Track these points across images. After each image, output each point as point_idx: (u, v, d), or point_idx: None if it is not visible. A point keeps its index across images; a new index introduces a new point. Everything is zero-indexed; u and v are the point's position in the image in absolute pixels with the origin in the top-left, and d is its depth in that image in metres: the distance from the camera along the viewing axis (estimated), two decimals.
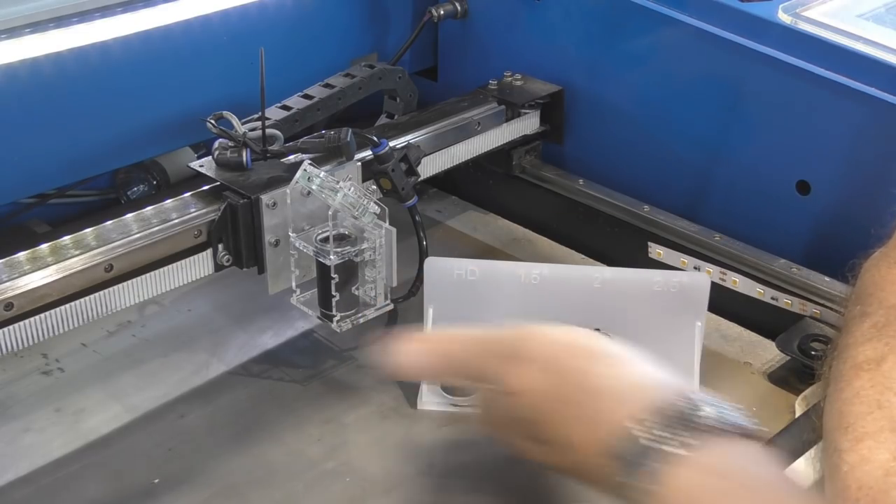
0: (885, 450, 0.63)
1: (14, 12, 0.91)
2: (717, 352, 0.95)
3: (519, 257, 1.11)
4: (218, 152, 0.91)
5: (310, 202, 0.88)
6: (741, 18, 1.00)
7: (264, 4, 1.07)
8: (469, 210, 1.20)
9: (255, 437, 0.85)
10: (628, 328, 0.87)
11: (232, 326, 0.99)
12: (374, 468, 0.82)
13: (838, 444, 0.66)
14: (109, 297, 0.83)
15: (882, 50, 0.94)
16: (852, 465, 0.63)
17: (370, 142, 0.93)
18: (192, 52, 1.03)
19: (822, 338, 0.90)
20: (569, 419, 0.63)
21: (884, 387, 0.67)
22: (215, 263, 0.88)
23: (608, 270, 0.91)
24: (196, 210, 0.87)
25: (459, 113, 1.06)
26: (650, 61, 1.07)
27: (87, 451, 0.84)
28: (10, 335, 0.78)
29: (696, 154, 1.06)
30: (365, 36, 1.20)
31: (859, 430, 0.65)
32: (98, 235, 0.83)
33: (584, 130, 1.14)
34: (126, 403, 0.89)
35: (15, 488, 0.80)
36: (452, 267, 0.88)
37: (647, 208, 1.06)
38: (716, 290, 0.89)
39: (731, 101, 1.02)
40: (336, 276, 0.86)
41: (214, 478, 0.81)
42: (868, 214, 0.82)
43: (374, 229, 0.86)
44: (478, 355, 0.67)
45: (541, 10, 1.13)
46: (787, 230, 1.00)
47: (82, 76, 0.96)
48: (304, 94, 1.03)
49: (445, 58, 1.25)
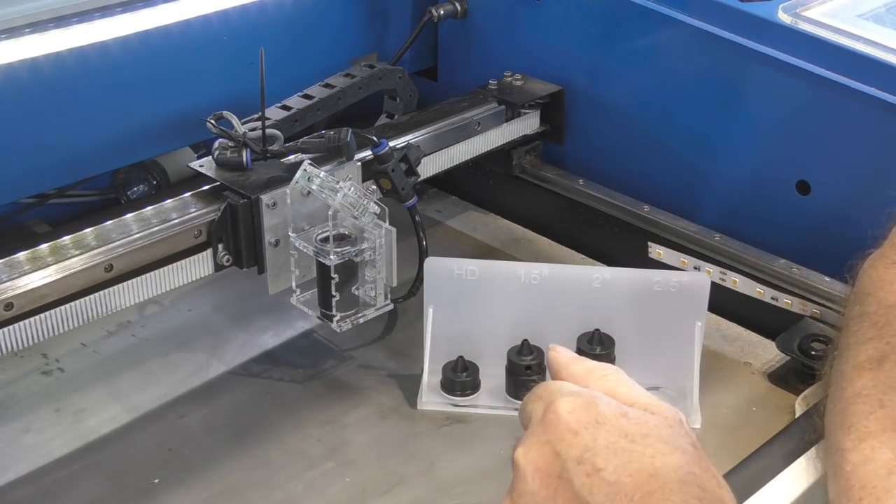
0: (889, 449, 0.63)
1: (14, 12, 0.91)
2: (717, 352, 0.95)
3: (519, 257, 1.11)
4: (218, 152, 0.91)
5: (310, 202, 0.88)
6: (741, 18, 0.99)
7: (264, 4, 1.07)
8: (469, 210, 1.20)
9: (255, 437, 0.85)
10: (628, 328, 0.87)
11: (232, 326, 0.99)
12: (374, 468, 0.82)
13: (841, 444, 0.66)
14: (109, 297, 0.83)
15: (882, 50, 0.94)
16: (855, 465, 0.63)
17: (370, 142, 0.93)
18: (192, 52, 1.03)
19: (823, 338, 0.89)
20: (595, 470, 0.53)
21: (886, 386, 0.67)
22: (215, 263, 0.88)
23: (608, 270, 0.91)
24: (196, 210, 0.87)
25: (459, 113, 1.06)
26: (650, 61, 1.07)
27: (87, 451, 0.84)
28: (10, 335, 0.78)
29: (696, 154, 1.06)
30: (365, 36, 1.20)
31: (862, 429, 0.65)
32: (98, 235, 0.83)
33: (584, 130, 1.14)
34: (126, 403, 0.89)
35: (15, 488, 0.80)
36: (452, 267, 0.88)
37: (647, 208, 1.06)
38: (716, 290, 0.89)
39: (731, 101, 1.02)
40: (336, 276, 0.86)
41: (214, 478, 0.81)
42: (868, 214, 0.82)
43: (374, 229, 0.86)
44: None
45: (541, 10, 1.13)
46: (787, 230, 1.00)
47: (82, 76, 0.96)
48: (304, 94, 1.03)
49: (445, 58, 1.25)
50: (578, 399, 0.56)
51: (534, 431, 0.56)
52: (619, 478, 0.53)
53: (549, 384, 0.60)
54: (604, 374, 0.60)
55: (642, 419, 0.56)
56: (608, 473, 0.53)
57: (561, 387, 0.59)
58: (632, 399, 0.58)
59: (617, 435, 0.54)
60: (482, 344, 0.89)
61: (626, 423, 0.55)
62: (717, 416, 0.87)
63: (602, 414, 0.55)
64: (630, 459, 0.53)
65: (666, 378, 0.89)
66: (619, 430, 0.55)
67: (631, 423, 0.55)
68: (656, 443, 0.54)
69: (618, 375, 0.60)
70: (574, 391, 0.58)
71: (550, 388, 0.59)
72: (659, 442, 0.54)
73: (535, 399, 0.58)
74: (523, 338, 0.86)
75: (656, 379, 0.89)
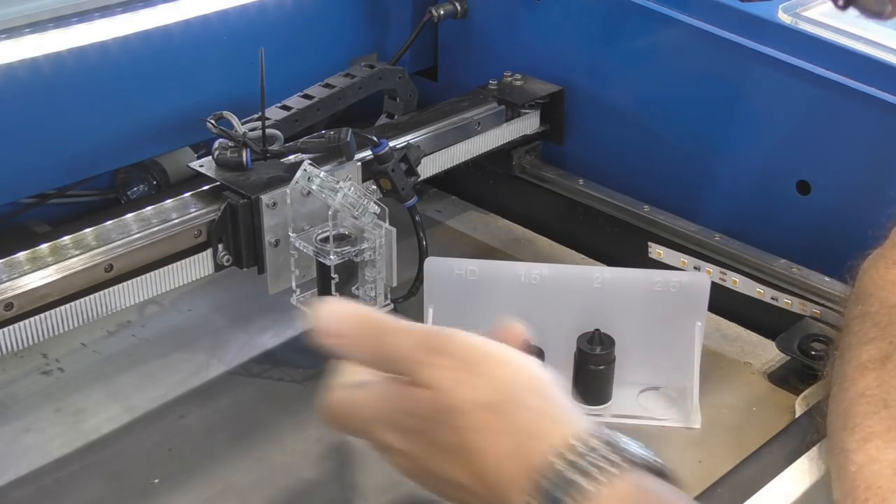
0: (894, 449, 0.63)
1: (14, 12, 0.91)
2: (717, 352, 0.95)
3: (519, 257, 1.11)
4: (218, 152, 0.91)
5: (310, 202, 0.88)
6: (741, 18, 1.00)
7: (264, 4, 1.07)
8: (469, 210, 1.20)
9: (255, 437, 0.85)
10: (628, 328, 0.87)
11: (232, 326, 0.99)
12: (373, 468, 0.82)
13: (845, 445, 0.66)
14: (109, 297, 0.83)
15: (882, 50, 0.94)
16: (860, 465, 0.63)
17: (370, 142, 0.93)
18: (192, 52, 1.03)
19: (823, 338, 0.89)
20: (476, 428, 0.55)
21: (890, 385, 0.67)
22: (215, 263, 0.88)
23: (608, 270, 0.91)
24: (196, 210, 0.87)
25: (459, 113, 1.06)
26: (650, 61, 1.07)
27: (87, 451, 0.84)
28: (10, 335, 0.78)
29: (696, 154, 1.06)
30: (365, 36, 1.20)
31: (866, 429, 0.65)
32: (98, 235, 0.83)
33: (584, 130, 1.14)
34: (126, 403, 0.89)
35: (15, 488, 0.80)
36: (452, 267, 0.88)
37: (647, 208, 1.06)
38: (716, 290, 0.89)
39: (731, 101, 1.02)
40: (336, 276, 0.86)
41: (214, 478, 0.81)
42: (868, 214, 0.82)
43: (374, 229, 0.86)
44: (399, 336, 0.59)
45: (541, 10, 1.13)
46: (787, 230, 1.00)
47: (82, 76, 0.96)
48: (304, 94, 1.03)
49: (445, 58, 1.25)
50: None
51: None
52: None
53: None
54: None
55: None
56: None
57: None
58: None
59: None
60: None
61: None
62: (717, 416, 0.87)
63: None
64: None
65: (666, 378, 0.89)
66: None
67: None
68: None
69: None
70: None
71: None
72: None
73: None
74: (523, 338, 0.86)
75: (656, 379, 0.89)
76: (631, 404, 0.88)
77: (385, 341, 0.59)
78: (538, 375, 0.57)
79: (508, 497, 0.54)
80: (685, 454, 0.83)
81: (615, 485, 0.51)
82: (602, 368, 0.85)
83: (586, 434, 0.53)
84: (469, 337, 0.58)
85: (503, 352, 0.58)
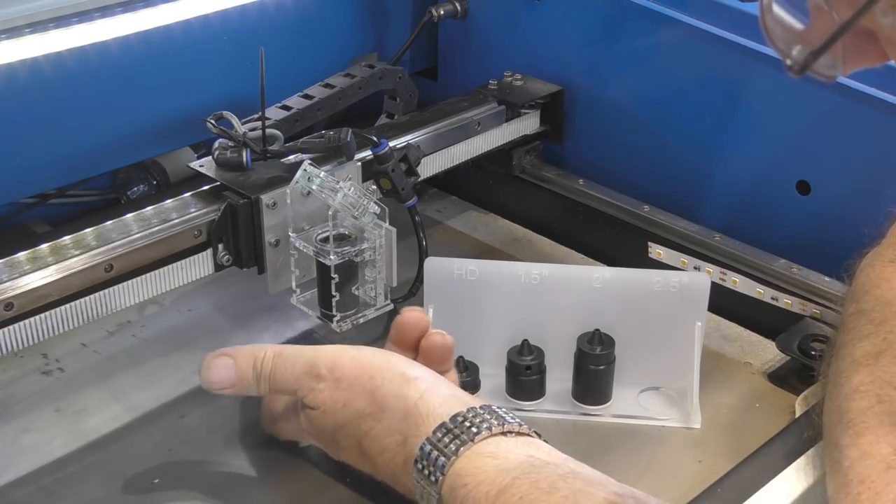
0: (887, 444, 0.63)
1: (14, 12, 0.91)
2: (717, 352, 0.95)
3: (519, 257, 1.11)
4: (218, 152, 0.91)
5: (310, 202, 0.88)
6: (741, 18, 0.99)
7: (264, 4, 1.07)
8: (469, 210, 1.20)
9: (255, 437, 0.85)
10: (628, 328, 0.87)
11: (232, 326, 0.99)
12: None
13: (839, 440, 0.66)
14: (109, 297, 0.83)
15: None
16: (853, 460, 0.64)
17: (370, 142, 0.93)
18: (192, 52, 1.03)
19: (822, 338, 0.89)
20: (363, 434, 0.70)
21: (883, 381, 0.67)
22: (215, 263, 0.88)
23: (608, 270, 0.91)
24: (196, 210, 0.87)
25: (459, 113, 1.06)
26: (650, 61, 1.07)
27: (87, 451, 0.84)
28: (10, 335, 0.78)
29: (696, 154, 1.06)
30: (365, 36, 1.20)
31: (860, 425, 0.65)
32: (98, 235, 0.83)
33: (584, 130, 1.14)
34: (126, 403, 0.89)
35: (15, 488, 0.80)
36: (452, 267, 0.88)
37: (647, 208, 1.06)
38: (716, 290, 0.89)
39: (731, 101, 1.02)
40: (336, 276, 0.86)
41: (214, 478, 0.81)
42: (868, 214, 0.82)
43: (374, 229, 0.86)
44: (286, 370, 0.74)
45: (541, 10, 1.13)
46: (787, 230, 1.00)
47: (82, 76, 0.96)
48: (304, 94, 1.03)
49: (445, 58, 1.25)
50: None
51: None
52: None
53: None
54: None
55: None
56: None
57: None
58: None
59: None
60: (482, 344, 0.89)
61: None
62: (717, 416, 0.87)
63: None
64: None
65: (666, 378, 0.89)
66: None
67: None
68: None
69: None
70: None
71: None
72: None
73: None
74: (523, 338, 0.86)
75: (656, 379, 0.89)
76: (631, 404, 0.88)
77: (275, 377, 0.74)
78: (406, 374, 0.71)
79: (403, 481, 0.69)
80: (685, 454, 0.83)
81: (477, 445, 0.65)
82: (602, 368, 0.85)
83: (449, 418, 0.67)
84: (344, 357, 0.73)
85: (375, 362, 0.72)
